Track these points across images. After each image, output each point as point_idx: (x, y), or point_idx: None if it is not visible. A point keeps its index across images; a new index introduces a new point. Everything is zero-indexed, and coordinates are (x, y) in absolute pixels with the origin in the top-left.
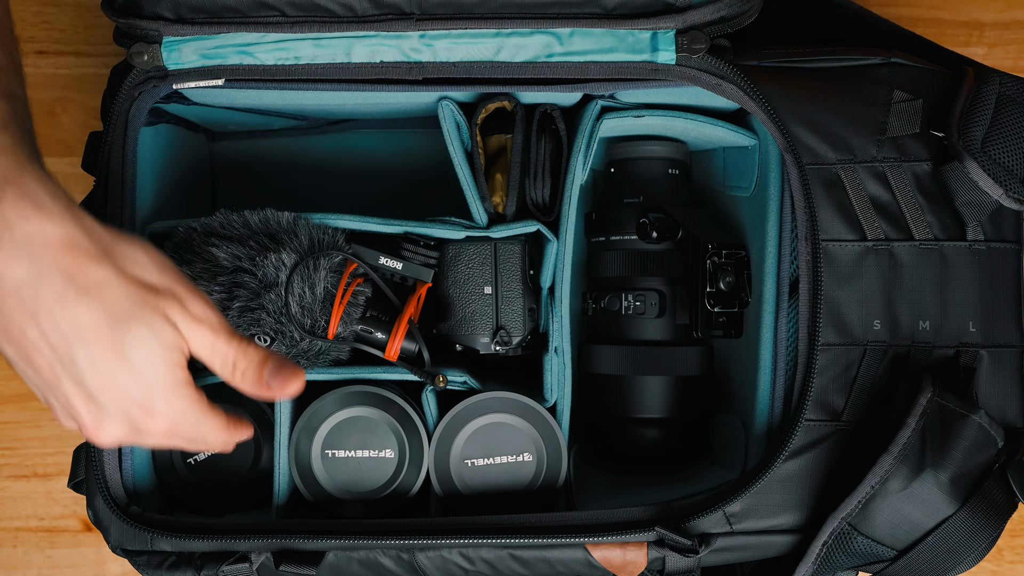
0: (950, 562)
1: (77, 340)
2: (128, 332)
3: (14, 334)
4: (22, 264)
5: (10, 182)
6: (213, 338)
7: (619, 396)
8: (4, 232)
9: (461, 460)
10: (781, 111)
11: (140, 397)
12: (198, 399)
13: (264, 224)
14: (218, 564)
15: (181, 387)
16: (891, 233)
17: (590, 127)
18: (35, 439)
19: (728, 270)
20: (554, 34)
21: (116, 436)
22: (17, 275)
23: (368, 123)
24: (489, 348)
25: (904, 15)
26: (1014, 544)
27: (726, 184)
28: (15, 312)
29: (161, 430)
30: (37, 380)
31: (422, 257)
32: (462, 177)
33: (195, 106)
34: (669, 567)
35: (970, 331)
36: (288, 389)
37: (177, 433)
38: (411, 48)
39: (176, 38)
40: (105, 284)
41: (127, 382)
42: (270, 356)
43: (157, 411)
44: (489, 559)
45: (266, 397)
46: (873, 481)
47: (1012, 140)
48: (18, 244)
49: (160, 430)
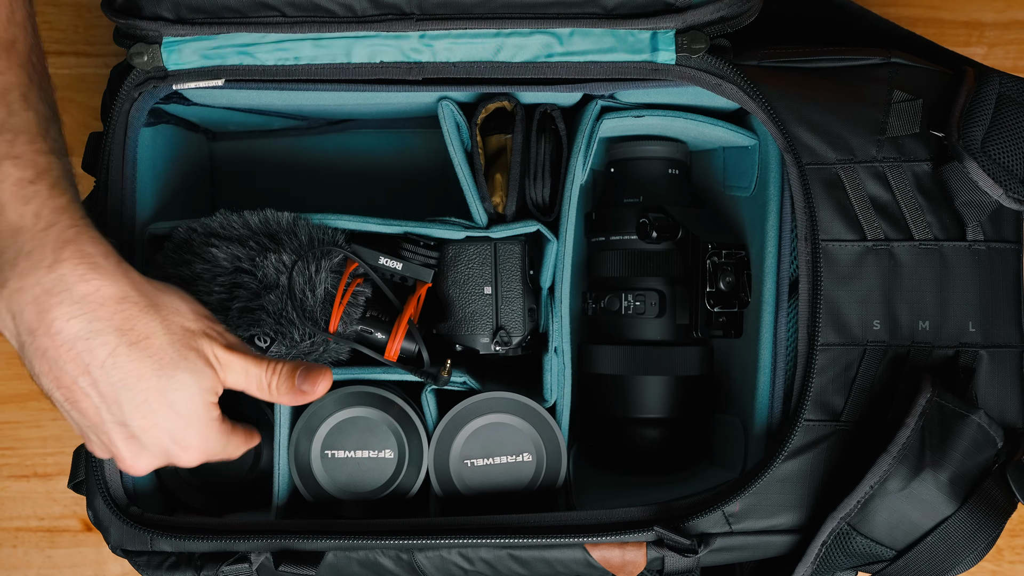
0: (949, 562)
1: (125, 388)
2: (172, 378)
3: (64, 382)
4: (79, 321)
5: (69, 243)
6: (245, 364)
7: (619, 396)
8: (64, 292)
9: (461, 460)
10: (781, 111)
11: (179, 435)
12: (225, 430)
13: (264, 224)
14: (218, 564)
15: (214, 423)
16: (891, 233)
17: (590, 127)
18: (35, 439)
19: (728, 270)
20: (554, 34)
21: (150, 467)
22: (74, 331)
23: (368, 123)
24: (489, 348)
25: (904, 15)
26: (1014, 544)
27: (726, 184)
28: (69, 364)
29: (191, 459)
30: (82, 421)
31: (422, 257)
32: (462, 177)
33: (195, 106)
34: (668, 567)
35: (970, 331)
36: (319, 388)
37: (204, 457)
38: (411, 48)
39: (176, 38)
40: (152, 335)
41: (168, 423)
42: (297, 365)
43: (192, 446)
44: (488, 559)
45: (302, 401)
46: (872, 481)
47: (1012, 140)
48: (76, 303)
49: (191, 459)
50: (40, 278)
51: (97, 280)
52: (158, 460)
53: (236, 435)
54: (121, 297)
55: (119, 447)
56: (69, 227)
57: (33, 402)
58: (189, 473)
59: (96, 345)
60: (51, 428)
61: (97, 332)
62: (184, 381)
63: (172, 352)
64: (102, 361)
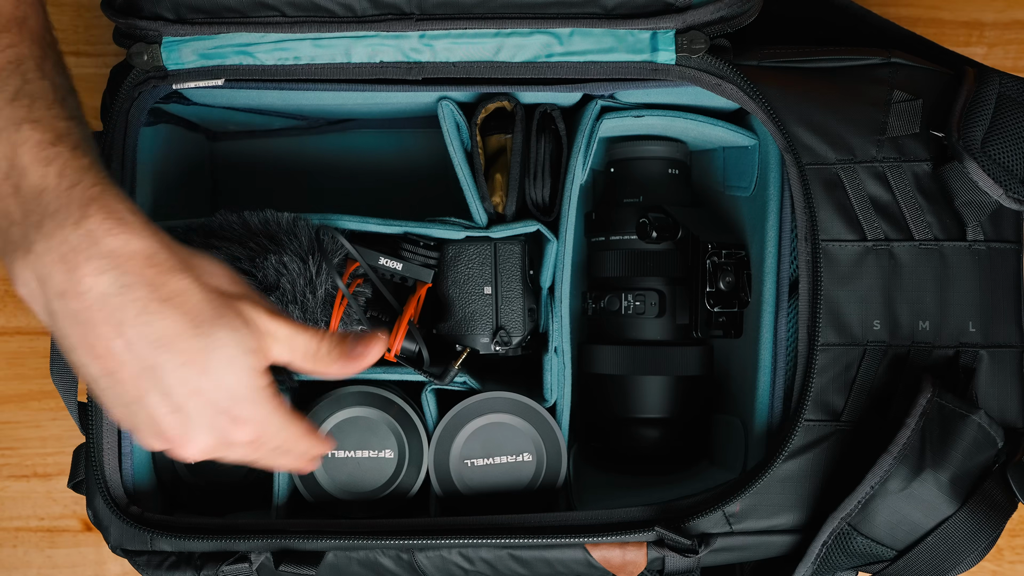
0: (950, 562)
1: (162, 348)
2: (211, 336)
3: (99, 349)
4: (109, 276)
5: (94, 200)
6: (290, 330)
7: (619, 396)
8: (91, 247)
9: (461, 460)
10: (781, 111)
11: (226, 404)
12: (281, 405)
13: (264, 225)
14: (218, 564)
15: (264, 391)
16: (891, 233)
17: (590, 127)
18: (35, 439)
19: (728, 270)
20: (554, 34)
21: (204, 446)
22: (104, 287)
23: (368, 123)
24: (489, 348)
25: (904, 15)
26: (1014, 544)
27: (726, 184)
28: (101, 325)
29: (247, 438)
30: (122, 395)
31: (422, 257)
32: (462, 177)
33: (195, 106)
34: (669, 567)
35: (970, 331)
36: (373, 353)
37: (263, 441)
38: (411, 48)
39: (176, 38)
40: (186, 292)
41: (213, 389)
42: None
43: (243, 418)
44: (489, 559)
45: (355, 369)
46: (873, 481)
47: (1012, 140)
48: (104, 257)
49: (246, 438)
50: (67, 236)
51: (125, 235)
52: (210, 437)
53: (297, 419)
54: (151, 252)
55: (165, 423)
56: (93, 184)
57: (33, 402)
58: (189, 473)
59: (127, 301)
60: (51, 428)
61: (128, 287)
62: (225, 341)
63: (209, 310)
64: (134, 318)
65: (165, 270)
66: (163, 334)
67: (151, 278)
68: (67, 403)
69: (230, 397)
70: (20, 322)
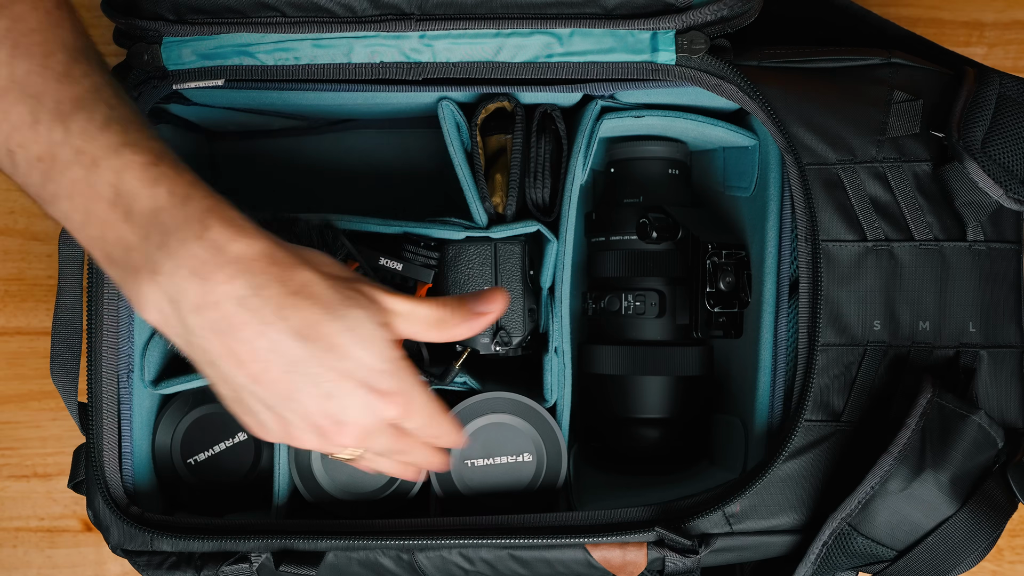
0: (950, 563)
1: (304, 339)
2: (346, 318)
3: (244, 354)
4: (241, 280)
5: (210, 211)
6: (410, 304)
7: (619, 396)
8: (218, 255)
9: (461, 460)
10: (781, 111)
11: (374, 380)
12: (419, 379)
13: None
14: (218, 564)
15: (404, 363)
16: (891, 233)
17: (590, 127)
18: (35, 439)
19: (728, 270)
20: (554, 34)
21: (360, 427)
22: (238, 290)
23: (368, 123)
24: (489, 348)
25: (904, 15)
26: (1014, 544)
27: (726, 184)
28: (243, 328)
29: (396, 412)
30: (271, 397)
31: (422, 258)
32: (462, 177)
33: (195, 106)
34: (669, 567)
35: (970, 331)
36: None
37: (411, 415)
38: (411, 48)
39: (176, 38)
40: (311, 283)
41: (357, 367)
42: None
43: (390, 391)
44: (489, 559)
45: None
46: (873, 482)
47: (1012, 140)
48: (232, 263)
49: (395, 412)
50: (192, 250)
51: (246, 239)
52: (364, 414)
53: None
54: (271, 251)
55: (320, 413)
56: (205, 196)
57: (33, 402)
58: (189, 473)
59: (263, 301)
60: (51, 428)
61: (261, 286)
62: (359, 320)
63: (335, 295)
64: (273, 315)
65: (288, 266)
66: (302, 325)
67: (278, 275)
68: (67, 403)
69: (376, 372)
70: (20, 322)
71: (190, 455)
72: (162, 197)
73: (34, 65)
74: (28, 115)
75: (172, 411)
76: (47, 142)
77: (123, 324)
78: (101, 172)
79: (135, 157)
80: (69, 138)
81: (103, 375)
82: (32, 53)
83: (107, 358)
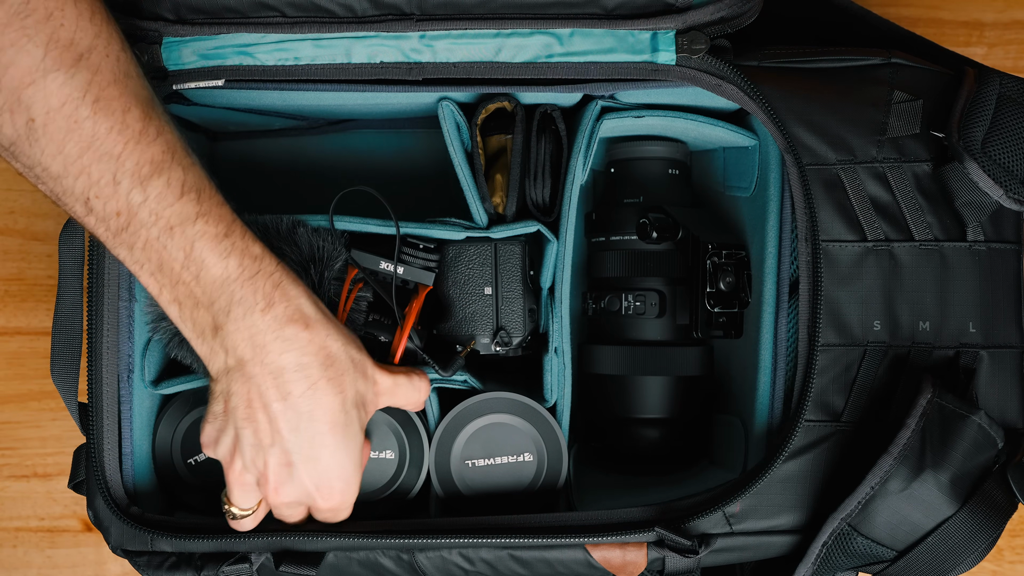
0: (950, 563)
1: (311, 419)
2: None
3: (256, 403)
4: (292, 355)
5: (277, 287)
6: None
7: (619, 396)
8: (277, 331)
9: (462, 460)
10: (781, 111)
11: (328, 479)
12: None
13: (263, 233)
14: (218, 564)
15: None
16: (891, 234)
17: (590, 127)
18: (35, 439)
19: (728, 270)
20: (554, 34)
21: (286, 501)
22: (286, 363)
23: (368, 123)
24: (489, 348)
25: (904, 15)
26: (1014, 544)
27: (726, 184)
28: (271, 389)
29: (325, 507)
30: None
31: (422, 260)
32: (462, 177)
33: (195, 106)
34: (669, 567)
35: (970, 332)
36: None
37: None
38: (411, 48)
39: (176, 38)
40: (345, 373)
41: (328, 463)
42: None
43: (334, 494)
44: (489, 559)
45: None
46: (873, 482)
47: (1012, 140)
48: (287, 340)
49: (325, 507)
50: (255, 321)
51: (303, 323)
52: (296, 495)
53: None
54: (323, 339)
55: (271, 470)
56: (272, 273)
57: (33, 402)
58: (189, 473)
59: (301, 377)
60: (51, 428)
61: (305, 366)
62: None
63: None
64: (302, 391)
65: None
66: (318, 408)
67: (323, 360)
68: (67, 403)
69: (335, 475)
70: (20, 322)
71: (190, 455)
72: (232, 269)
73: (115, 123)
74: (109, 175)
75: (172, 411)
76: (126, 202)
77: (123, 324)
78: (176, 238)
79: (207, 228)
80: (147, 202)
81: (103, 375)
82: (112, 109)
83: (107, 358)
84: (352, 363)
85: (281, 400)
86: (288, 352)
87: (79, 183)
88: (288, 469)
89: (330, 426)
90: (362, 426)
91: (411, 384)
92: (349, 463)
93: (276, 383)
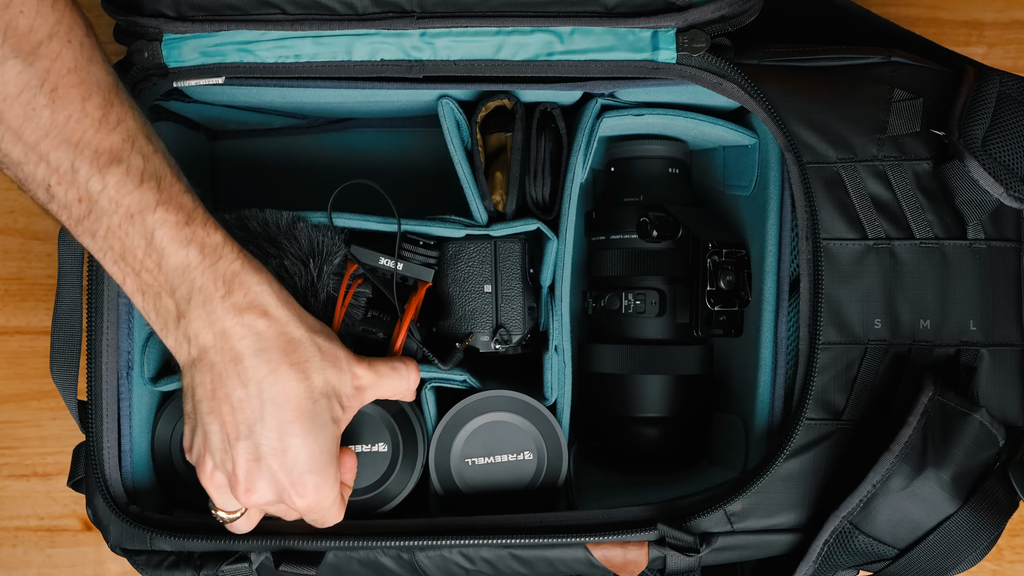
0: (951, 561)
1: (275, 405)
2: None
3: (219, 393)
4: (248, 341)
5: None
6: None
7: (619, 395)
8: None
9: (462, 459)
10: (782, 110)
11: (299, 471)
12: (337, 476)
13: (263, 227)
14: (218, 564)
15: (333, 466)
16: (892, 232)
17: (590, 126)
18: (35, 439)
19: (728, 269)
20: (555, 32)
21: (259, 500)
22: (245, 349)
23: (368, 122)
24: (489, 346)
25: (904, 15)
26: (1014, 543)
27: (726, 183)
28: (231, 377)
29: (302, 506)
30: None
31: (422, 257)
32: (462, 175)
33: (195, 104)
34: (670, 566)
35: (971, 330)
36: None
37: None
38: (412, 46)
39: (176, 35)
40: (310, 361)
41: (298, 454)
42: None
43: (308, 489)
44: (490, 559)
45: None
46: (874, 480)
47: (1013, 138)
48: (246, 326)
49: (301, 506)
50: (215, 308)
51: (261, 308)
52: (269, 493)
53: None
54: (284, 323)
55: (239, 467)
56: (233, 260)
57: (33, 402)
58: (189, 472)
59: (261, 362)
60: (51, 428)
61: (263, 351)
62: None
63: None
64: (263, 376)
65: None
66: (281, 394)
67: (283, 345)
68: (67, 402)
69: (307, 468)
70: (20, 322)
71: None
72: (192, 256)
73: (73, 111)
74: (67, 162)
75: (171, 408)
76: (86, 189)
77: (123, 321)
78: (136, 226)
79: (167, 216)
80: (106, 190)
81: (103, 372)
82: (71, 98)
83: (107, 355)
84: (319, 351)
85: (243, 387)
86: (247, 337)
87: (39, 170)
88: (257, 464)
89: (296, 414)
90: (336, 419)
91: (396, 373)
92: (321, 455)
93: (237, 370)
